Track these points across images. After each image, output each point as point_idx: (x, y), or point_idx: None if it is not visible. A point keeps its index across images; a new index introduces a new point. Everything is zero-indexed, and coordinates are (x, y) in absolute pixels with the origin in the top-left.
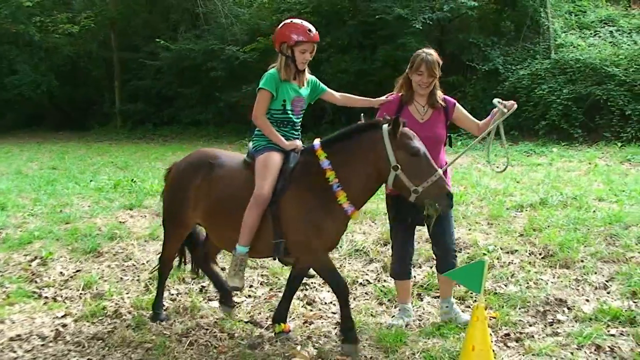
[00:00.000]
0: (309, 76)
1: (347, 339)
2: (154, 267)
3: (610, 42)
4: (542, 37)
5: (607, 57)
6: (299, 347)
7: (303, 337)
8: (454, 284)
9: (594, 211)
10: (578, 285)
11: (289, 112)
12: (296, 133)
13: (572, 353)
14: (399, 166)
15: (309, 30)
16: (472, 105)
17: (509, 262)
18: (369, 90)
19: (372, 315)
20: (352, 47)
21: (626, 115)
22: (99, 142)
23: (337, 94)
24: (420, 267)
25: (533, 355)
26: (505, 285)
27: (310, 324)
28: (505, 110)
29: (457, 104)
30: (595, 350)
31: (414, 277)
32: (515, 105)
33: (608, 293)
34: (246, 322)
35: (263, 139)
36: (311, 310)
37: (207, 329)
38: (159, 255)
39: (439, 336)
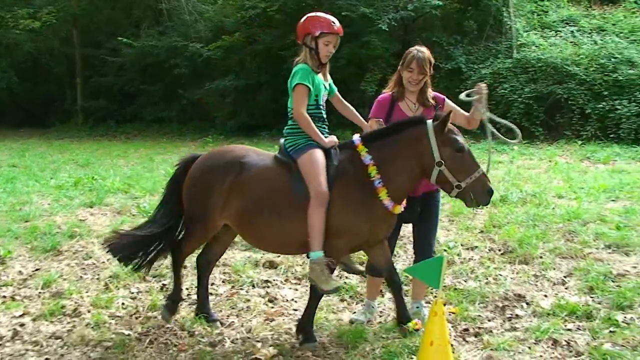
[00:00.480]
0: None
1: (309, 338)
2: None
3: (571, 42)
4: (505, 36)
5: (568, 57)
6: (259, 345)
7: (264, 335)
8: (427, 287)
9: (553, 208)
10: (537, 281)
11: (321, 107)
12: (327, 129)
13: (529, 347)
14: (443, 162)
15: (333, 22)
16: None
17: (469, 258)
18: None
19: (333, 312)
20: None
21: (586, 113)
22: (60, 139)
23: (340, 100)
24: None
25: (491, 349)
26: (465, 281)
27: (271, 321)
28: (478, 97)
29: (447, 100)
30: (552, 344)
31: None
32: (483, 85)
33: (566, 288)
34: (208, 321)
35: (302, 137)
36: (272, 308)
37: (167, 327)
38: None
39: (399, 332)
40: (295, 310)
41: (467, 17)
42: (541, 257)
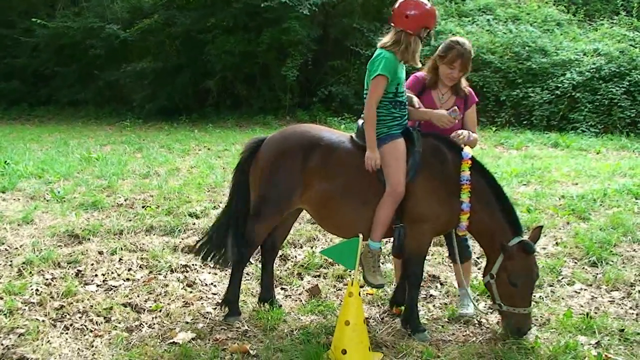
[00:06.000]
0: None
1: (416, 329)
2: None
3: (487, 30)
4: None
5: (484, 45)
6: (177, 329)
7: (182, 319)
8: (471, 276)
9: None
10: (450, 262)
11: (401, 93)
12: (407, 114)
13: (442, 326)
14: (495, 278)
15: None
16: (355, 89)
17: (385, 241)
18: (253, 72)
19: (252, 295)
20: (237, 28)
21: (501, 100)
22: None
23: None
24: (301, 247)
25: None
26: (383, 264)
27: (190, 305)
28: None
29: (475, 105)
30: (464, 323)
31: (295, 257)
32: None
33: (479, 269)
34: (124, 306)
35: (383, 125)
36: (191, 292)
37: (82, 313)
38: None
39: (317, 313)
40: (215, 294)
41: (387, 4)
42: None
